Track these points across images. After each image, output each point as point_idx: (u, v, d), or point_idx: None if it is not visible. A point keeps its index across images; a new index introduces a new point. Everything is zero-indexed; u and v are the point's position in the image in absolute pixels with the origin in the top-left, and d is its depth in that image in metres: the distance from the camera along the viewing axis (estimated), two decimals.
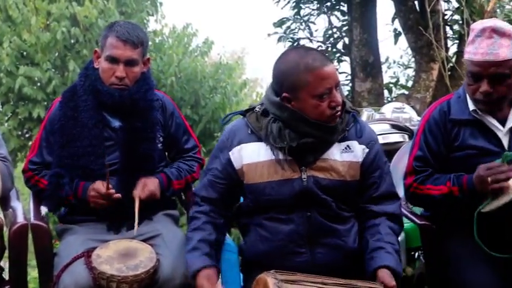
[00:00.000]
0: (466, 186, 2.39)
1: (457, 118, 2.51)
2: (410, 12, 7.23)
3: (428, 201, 2.54)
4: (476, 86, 2.42)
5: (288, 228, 2.33)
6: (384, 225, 2.37)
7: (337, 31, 8.52)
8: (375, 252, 2.29)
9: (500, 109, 2.48)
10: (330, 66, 2.27)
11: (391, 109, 3.97)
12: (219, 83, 10.55)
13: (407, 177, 2.56)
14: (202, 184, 2.48)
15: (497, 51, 2.35)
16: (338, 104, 2.28)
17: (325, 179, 2.33)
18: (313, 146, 2.32)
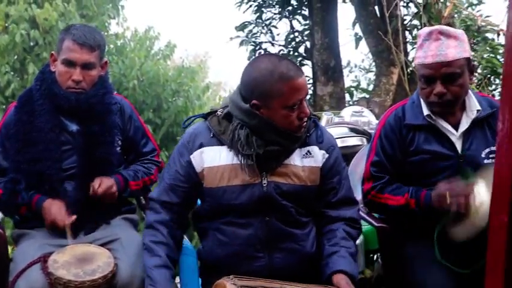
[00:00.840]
0: (423, 201, 2.42)
1: (412, 123, 2.55)
2: (371, 17, 7.31)
3: (386, 210, 2.58)
4: (430, 88, 2.46)
5: (246, 233, 2.32)
6: (341, 230, 2.38)
7: (298, 35, 8.57)
8: (330, 257, 2.31)
9: (453, 114, 2.53)
10: (303, 77, 2.27)
11: (350, 113, 4.01)
12: (182, 86, 10.51)
13: (365, 183, 2.60)
14: (162, 188, 2.43)
15: (446, 52, 2.41)
16: (306, 115, 2.29)
17: (285, 184, 2.33)
18: (278, 153, 2.32)
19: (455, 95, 2.45)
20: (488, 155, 2.44)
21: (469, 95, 2.54)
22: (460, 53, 2.43)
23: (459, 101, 2.50)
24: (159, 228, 2.36)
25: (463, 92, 2.47)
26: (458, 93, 2.46)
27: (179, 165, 2.40)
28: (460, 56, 2.42)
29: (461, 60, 2.43)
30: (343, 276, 2.24)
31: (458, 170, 2.45)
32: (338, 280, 2.23)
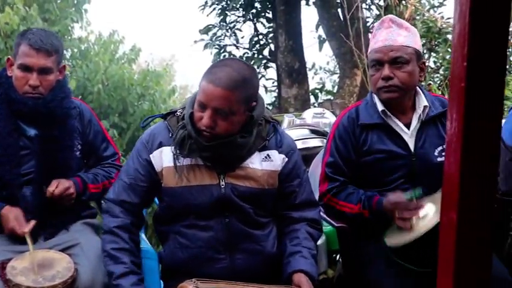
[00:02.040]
0: (375, 210, 2.46)
1: (366, 123, 2.58)
2: (333, 20, 7.40)
3: (341, 216, 2.61)
4: (379, 74, 2.51)
5: (207, 235, 2.32)
6: (303, 230, 2.40)
7: (263, 38, 8.64)
8: (291, 257, 2.32)
9: (404, 112, 2.57)
10: (219, 88, 2.15)
11: (312, 114, 4.04)
12: (147, 90, 10.40)
13: (321, 184, 2.62)
14: (120, 188, 2.40)
15: (395, 38, 2.49)
16: (202, 125, 2.21)
17: (242, 186, 2.33)
18: (227, 157, 2.31)
19: (402, 81, 2.49)
20: (440, 153, 2.48)
21: (419, 94, 2.59)
22: (409, 42, 2.50)
23: (406, 90, 2.53)
24: (120, 234, 2.34)
25: (410, 81, 2.51)
26: (406, 80, 2.49)
27: (139, 165, 2.38)
28: (409, 44, 2.49)
29: (410, 48, 2.49)
30: (302, 275, 2.25)
31: (411, 168, 2.49)
32: (299, 279, 2.24)
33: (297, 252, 2.32)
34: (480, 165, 1.08)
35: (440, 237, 1.15)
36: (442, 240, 1.14)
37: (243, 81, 2.19)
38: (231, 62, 2.28)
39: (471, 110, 1.06)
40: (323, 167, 2.62)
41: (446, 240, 1.13)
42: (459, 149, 1.07)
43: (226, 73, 2.18)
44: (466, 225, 1.08)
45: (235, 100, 2.18)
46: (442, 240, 1.14)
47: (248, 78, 2.22)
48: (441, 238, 1.15)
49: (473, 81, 1.05)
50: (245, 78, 2.21)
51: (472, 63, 1.04)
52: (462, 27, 1.05)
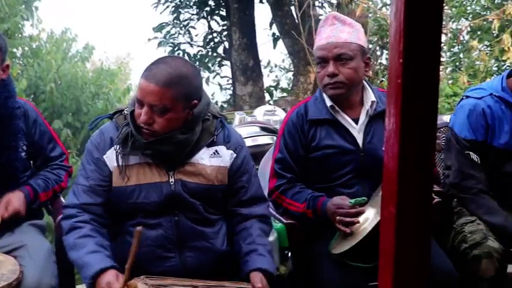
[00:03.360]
0: (319, 211, 2.48)
1: (314, 118, 2.60)
2: (287, 17, 7.42)
3: (288, 214, 2.63)
4: (324, 71, 2.53)
5: (156, 234, 2.30)
6: (255, 227, 2.40)
7: (217, 36, 8.62)
8: (247, 256, 2.31)
9: (352, 108, 2.61)
10: (153, 85, 2.14)
11: (263, 112, 4.05)
12: (101, 89, 10.31)
13: (270, 180, 2.64)
14: (80, 191, 2.34)
15: (339, 35, 2.51)
16: (141, 121, 2.20)
17: (192, 183, 2.32)
18: (170, 154, 2.28)
19: (347, 78, 2.52)
20: None
21: (366, 89, 2.63)
22: (353, 38, 2.53)
23: (352, 86, 2.56)
24: (81, 226, 2.27)
25: (355, 77, 2.54)
26: (350, 76, 2.52)
27: (95, 166, 2.34)
28: (353, 41, 2.52)
29: (354, 45, 2.52)
30: (259, 273, 2.25)
31: (359, 163, 2.53)
32: (254, 277, 2.24)
33: (253, 251, 2.32)
34: (417, 159, 1.10)
35: (380, 231, 1.16)
36: (383, 233, 1.16)
37: (179, 79, 2.17)
38: (170, 59, 2.27)
39: (408, 106, 1.08)
40: (272, 163, 2.64)
41: (386, 233, 1.15)
42: (397, 144, 1.09)
43: (161, 70, 2.17)
44: (405, 218, 1.10)
45: (170, 97, 2.16)
46: (383, 234, 1.16)
47: (185, 76, 2.20)
48: (381, 232, 1.16)
49: (409, 78, 1.07)
50: (182, 75, 2.18)
51: (408, 60, 1.06)
52: (398, 24, 1.06)
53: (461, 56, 10.54)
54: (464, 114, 2.80)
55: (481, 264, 2.51)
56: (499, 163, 2.81)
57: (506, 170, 2.81)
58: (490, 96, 2.80)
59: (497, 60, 8.73)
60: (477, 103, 2.79)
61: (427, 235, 1.14)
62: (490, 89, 2.83)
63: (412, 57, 1.06)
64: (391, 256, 1.11)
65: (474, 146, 2.77)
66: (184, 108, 2.23)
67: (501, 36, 6.21)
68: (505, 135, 2.77)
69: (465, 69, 8.30)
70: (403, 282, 1.10)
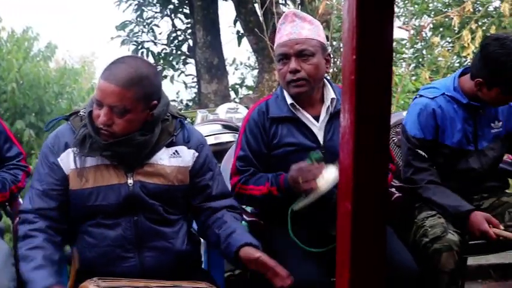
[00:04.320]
0: (283, 186, 2.48)
1: (275, 116, 2.60)
2: (250, 15, 7.42)
3: (252, 201, 2.63)
4: (286, 67, 2.54)
5: (115, 234, 2.27)
6: (228, 215, 2.40)
7: (181, 34, 8.58)
8: (229, 238, 2.29)
9: (313, 105, 2.62)
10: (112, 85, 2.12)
11: (225, 110, 4.05)
12: (65, 88, 10.17)
13: (232, 178, 2.63)
14: (35, 196, 2.31)
15: (300, 31, 2.52)
16: (99, 123, 2.18)
17: (152, 183, 2.30)
18: (129, 156, 2.27)
19: (309, 74, 2.53)
20: None
21: (326, 86, 2.64)
22: (314, 35, 2.54)
23: (314, 83, 2.57)
24: (34, 235, 2.24)
25: (317, 73, 2.55)
26: (312, 73, 2.53)
27: (49, 170, 2.30)
28: (313, 37, 2.53)
29: (315, 41, 2.54)
30: (249, 247, 2.22)
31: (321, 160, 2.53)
32: (246, 252, 2.21)
33: (232, 232, 2.30)
34: (372, 155, 1.10)
35: (337, 226, 1.17)
36: (339, 229, 1.17)
37: (139, 79, 2.15)
38: (129, 59, 2.24)
39: (362, 102, 1.08)
40: (234, 160, 2.64)
41: (343, 229, 1.15)
42: (352, 141, 1.10)
43: (122, 70, 2.15)
44: (361, 214, 1.11)
45: (130, 98, 2.14)
46: (339, 230, 1.17)
47: (145, 76, 2.18)
48: (338, 227, 1.17)
49: (362, 74, 1.07)
50: (142, 76, 2.16)
51: (361, 56, 1.06)
52: (350, 21, 1.07)
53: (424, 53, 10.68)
54: (415, 113, 2.85)
55: (441, 257, 2.54)
56: (453, 161, 2.86)
57: (460, 168, 2.87)
58: (442, 96, 2.85)
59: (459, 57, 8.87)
60: (428, 103, 2.84)
61: (383, 231, 1.15)
62: (442, 89, 2.87)
63: (365, 54, 1.07)
64: (348, 252, 1.12)
65: (423, 144, 2.81)
66: (144, 109, 2.21)
67: (462, 32, 6.29)
68: (457, 134, 2.82)
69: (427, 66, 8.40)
70: (360, 278, 1.11)
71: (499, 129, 2.90)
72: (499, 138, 2.91)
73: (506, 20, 6.99)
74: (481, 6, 8.48)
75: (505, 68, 2.60)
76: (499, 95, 2.70)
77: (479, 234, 2.61)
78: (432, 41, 7.26)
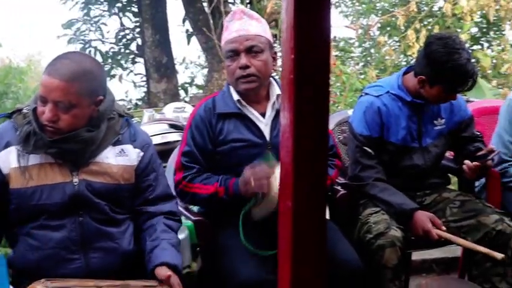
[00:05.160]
0: (231, 189, 2.48)
1: (222, 112, 2.61)
2: (199, 14, 7.40)
3: (196, 200, 2.62)
4: (235, 64, 2.55)
5: (60, 235, 2.23)
6: (161, 223, 2.38)
7: (129, 32, 8.50)
8: (152, 252, 2.29)
9: (259, 102, 2.63)
10: (55, 80, 2.09)
11: (172, 109, 4.04)
12: (10, 87, 9.97)
13: (176, 173, 2.61)
14: None
15: (248, 28, 2.54)
16: (45, 119, 2.14)
17: (98, 182, 2.27)
18: (75, 153, 2.23)
19: (259, 70, 2.54)
20: None
21: (272, 83, 2.66)
22: (262, 32, 2.56)
23: (263, 79, 2.58)
24: None
25: (266, 69, 2.57)
26: (262, 69, 2.55)
27: None
28: (262, 34, 2.56)
29: (264, 38, 2.56)
30: (165, 267, 2.23)
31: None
32: (159, 272, 2.22)
33: (156, 247, 2.30)
34: (311, 153, 1.12)
35: (278, 224, 1.18)
36: (281, 227, 1.18)
37: (83, 74, 2.14)
38: (72, 55, 2.23)
39: (300, 101, 1.09)
40: (179, 156, 2.62)
41: (284, 225, 1.16)
42: (291, 139, 1.11)
43: (64, 65, 2.12)
44: (301, 212, 1.12)
45: (75, 92, 2.12)
46: (281, 228, 1.18)
47: (89, 70, 2.17)
48: (280, 226, 1.18)
49: (300, 73, 1.08)
50: (86, 70, 2.15)
51: (299, 55, 1.08)
52: (289, 20, 1.08)
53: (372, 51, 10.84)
54: (361, 111, 2.89)
55: (384, 253, 2.59)
56: (398, 158, 2.91)
57: (404, 164, 2.92)
58: (387, 94, 2.90)
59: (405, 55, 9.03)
60: (373, 101, 2.88)
61: (324, 228, 1.16)
62: (387, 87, 2.92)
63: (303, 53, 1.08)
64: (289, 249, 1.13)
65: (370, 142, 2.85)
66: (89, 104, 2.19)
67: (407, 32, 6.42)
68: (402, 131, 2.88)
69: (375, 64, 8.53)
70: (302, 275, 1.12)
71: (442, 126, 2.96)
72: (442, 135, 2.97)
73: (450, 20, 7.14)
74: (426, 6, 8.66)
75: (446, 67, 2.66)
76: (440, 92, 2.76)
77: (422, 233, 2.66)
78: (379, 40, 7.37)
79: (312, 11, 1.07)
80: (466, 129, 3.03)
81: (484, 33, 10.46)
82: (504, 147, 3.10)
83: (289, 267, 1.13)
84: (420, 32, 6.33)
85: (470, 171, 2.81)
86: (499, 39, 8.96)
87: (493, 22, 8.87)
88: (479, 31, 10.42)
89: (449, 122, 2.98)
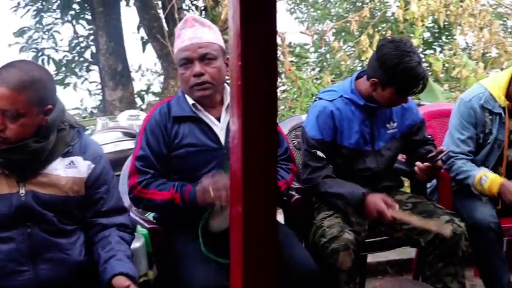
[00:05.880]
0: (187, 196, 2.47)
1: (177, 115, 2.59)
2: (154, 21, 7.36)
3: (151, 206, 2.60)
4: (189, 72, 2.55)
5: (8, 248, 2.19)
6: (114, 235, 2.35)
7: (83, 40, 8.40)
8: (107, 263, 2.26)
9: (214, 107, 2.64)
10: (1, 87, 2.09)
11: (126, 117, 4.00)
12: None
13: (130, 178, 2.58)
14: None
15: (201, 35, 2.55)
16: None
17: (45, 194, 2.23)
18: (22, 164, 2.20)
19: (213, 77, 2.55)
20: None
21: (225, 89, 2.67)
22: (215, 39, 2.58)
23: (217, 86, 2.59)
24: None
25: (220, 76, 2.58)
26: (216, 76, 2.56)
27: None
28: (215, 41, 2.57)
29: (216, 45, 2.57)
30: (122, 277, 2.21)
31: (223, 161, 2.54)
32: (117, 282, 2.20)
33: (111, 257, 2.27)
34: (260, 159, 1.12)
35: (230, 228, 1.19)
36: (232, 233, 1.18)
37: (31, 82, 2.11)
38: (19, 63, 2.20)
39: (249, 107, 1.10)
40: (133, 160, 2.59)
41: (235, 232, 1.17)
42: (240, 145, 1.11)
43: (12, 73, 2.10)
44: (252, 217, 1.13)
45: (23, 101, 2.10)
46: (232, 233, 1.18)
47: (38, 79, 2.14)
48: (231, 231, 1.19)
49: (248, 80, 1.09)
50: (34, 79, 2.13)
51: (246, 62, 1.08)
52: (235, 27, 1.08)
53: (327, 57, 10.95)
54: (315, 115, 2.91)
55: (338, 256, 2.61)
56: (351, 161, 2.95)
57: (357, 168, 2.96)
58: (340, 98, 2.93)
59: (360, 60, 9.15)
60: (327, 105, 2.91)
61: (275, 232, 1.17)
62: (340, 91, 2.96)
63: (250, 60, 1.08)
64: (241, 255, 1.14)
65: (322, 145, 2.87)
66: (38, 113, 2.16)
67: (361, 37, 6.50)
68: (355, 135, 2.91)
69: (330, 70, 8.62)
70: (254, 280, 1.13)
71: (394, 130, 3.01)
72: (394, 138, 3.02)
73: (402, 25, 7.27)
74: (379, 12, 8.79)
75: (398, 69, 2.71)
76: (392, 95, 2.80)
77: (377, 215, 2.67)
78: (333, 45, 7.45)
79: (259, 18, 1.08)
80: (417, 133, 3.08)
81: (436, 38, 10.69)
82: (454, 145, 3.17)
83: (240, 272, 1.13)
84: (374, 37, 6.43)
85: (421, 172, 2.86)
86: (450, 43, 9.16)
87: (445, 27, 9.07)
88: (432, 36, 10.64)
89: (401, 125, 3.03)
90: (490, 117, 3.14)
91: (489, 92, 3.14)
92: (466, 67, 6.19)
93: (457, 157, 3.15)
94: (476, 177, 3.05)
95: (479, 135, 3.17)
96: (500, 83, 3.15)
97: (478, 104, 3.14)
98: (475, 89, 3.24)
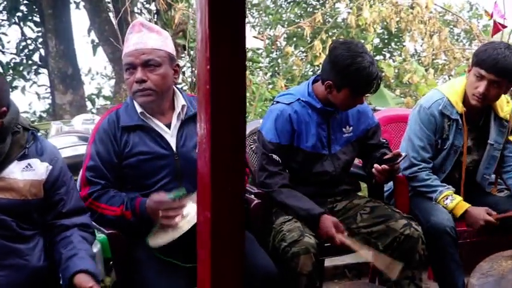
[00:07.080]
0: (138, 211, 2.46)
1: (126, 125, 2.57)
2: (105, 24, 7.28)
3: (104, 220, 2.55)
4: (133, 77, 2.53)
5: None
6: (76, 234, 2.33)
7: (32, 42, 8.24)
8: (69, 260, 2.23)
9: (164, 113, 2.62)
10: None
11: (81, 121, 3.95)
12: None
13: (82, 189, 2.55)
14: None
15: (146, 41, 2.53)
16: None
17: (3, 198, 2.20)
18: None
19: (155, 84, 2.53)
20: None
21: (176, 94, 2.66)
22: (161, 45, 2.55)
23: (161, 93, 2.57)
24: None
25: (164, 83, 2.56)
26: (159, 83, 2.53)
27: None
28: (160, 48, 2.55)
29: (162, 52, 2.55)
30: (84, 275, 2.18)
31: (175, 167, 2.54)
32: (80, 279, 2.17)
33: (73, 255, 2.24)
34: (229, 164, 1.12)
35: (198, 233, 1.18)
36: (199, 237, 1.17)
37: None
38: None
39: (217, 111, 1.09)
40: (83, 171, 2.56)
41: (203, 235, 1.16)
42: (209, 149, 1.11)
43: None
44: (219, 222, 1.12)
45: None
46: (199, 238, 1.17)
47: None
48: (199, 234, 1.18)
49: (216, 84, 1.08)
50: None
51: (215, 66, 1.08)
52: (203, 31, 1.08)
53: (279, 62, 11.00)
54: (272, 118, 2.92)
55: (299, 260, 2.62)
56: (309, 165, 2.97)
57: (315, 171, 2.98)
58: (297, 102, 2.95)
59: (312, 65, 9.22)
60: (285, 109, 2.93)
61: (242, 237, 1.17)
62: (298, 94, 2.98)
63: (219, 64, 1.08)
64: (208, 259, 1.13)
65: (279, 149, 2.89)
66: None
67: (314, 42, 6.55)
68: (312, 138, 2.94)
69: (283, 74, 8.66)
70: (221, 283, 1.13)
71: (350, 134, 3.04)
72: (350, 142, 3.05)
73: (354, 31, 7.36)
74: (331, 18, 8.89)
75: (351, 69, 2.74)
76: (347, 96, 2.83)
77: (326, 238, 2.72)
78: (286, 51, 7.49)
79: (227, 22, 1.07)
80: (372, 137, 3.12)
81: (385, 44, 10.86)
82: (414, 151, 3.21)
83: (208, 276, 1.13)
84: (326, 42, 6.48)
85: (379, 174, 2.90)
86: (400, 49, 9.32)
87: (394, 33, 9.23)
88: (381, 42, 10.81)
89: (356, 129, 3.07)
90: (449, 123, 3.21)
91: (447, 98, 3.20)
92: (417, 73, 6.30)
93: (420, 166, 3.20)
94: (443, 194, 3.12)
95: (437, 141, 3.23)
96: (458, 89, 3.22)
97: (438, 110, 3.20)
98: (434, 95, 3.29)
